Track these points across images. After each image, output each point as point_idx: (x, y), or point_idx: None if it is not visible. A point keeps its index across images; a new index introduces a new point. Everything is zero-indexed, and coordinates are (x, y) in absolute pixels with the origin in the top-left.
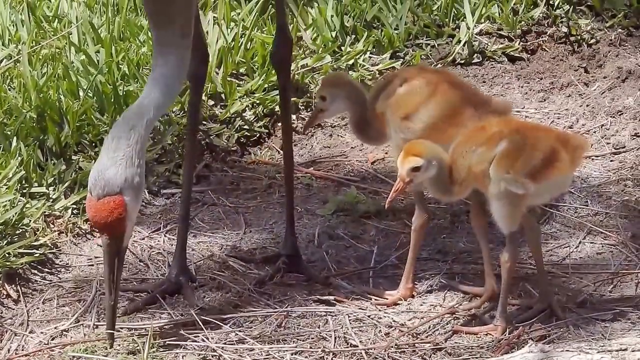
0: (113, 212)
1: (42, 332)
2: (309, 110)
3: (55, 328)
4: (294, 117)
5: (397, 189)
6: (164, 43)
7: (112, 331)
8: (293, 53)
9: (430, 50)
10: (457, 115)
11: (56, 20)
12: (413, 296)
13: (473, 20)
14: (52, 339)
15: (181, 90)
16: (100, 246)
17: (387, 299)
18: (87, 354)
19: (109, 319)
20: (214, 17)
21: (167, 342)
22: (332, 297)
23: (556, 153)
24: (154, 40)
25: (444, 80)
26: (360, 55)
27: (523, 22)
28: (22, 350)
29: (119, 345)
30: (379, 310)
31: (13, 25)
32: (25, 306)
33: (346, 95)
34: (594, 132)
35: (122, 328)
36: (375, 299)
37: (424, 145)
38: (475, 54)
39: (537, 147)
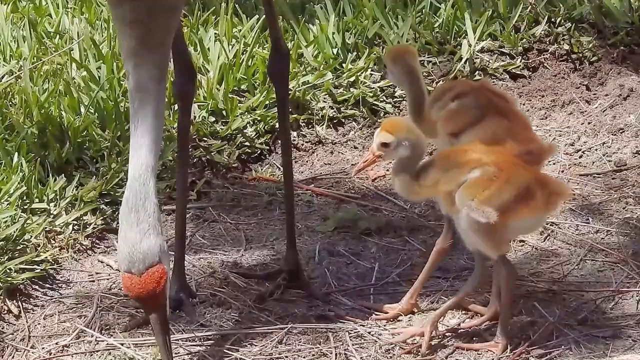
0: (160, 282)
1: (43, 348)
2: (309, 127)
3: (56, 344)
4: (294, 134)
5: (366, 160)
6: (139, 90)
7: None
8: (294, 70)
9: (431, 67)
10: (498, 143)
11: (57, 36)
12: (414, 312)
13: (475, 38)
14: (53, 355)
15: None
16: (101, 262)
17: (387, 312)
18: None
19: None
20: (215, 33)
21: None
22: (332, 314)
23: (531, 193)
24: (131, 88)
25: (495, 106)
26: (362, 72)
27: (525, 40)
28: None
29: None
30: (379, 327)
31: (14, 41)
32: (27, 322)
33: (407, 71)
34: (596, 149)
35: (121, 344)
36: (376, 313)
37: (402, 124)
38: (477, 71)
39: (511, 182)
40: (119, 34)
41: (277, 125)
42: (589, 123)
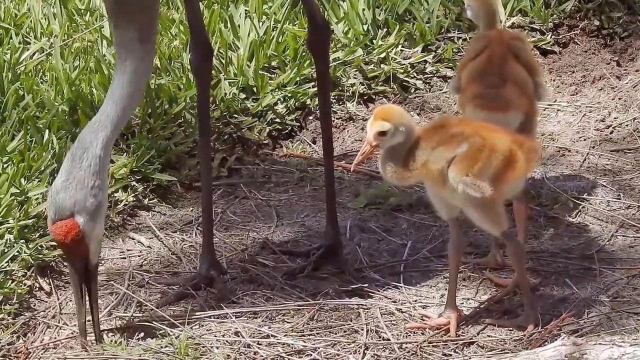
0: (67, 235)
1: (74, 324)
2: (340, 103)
3: (87, 320)
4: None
5: (363, 152)
6: (122, 46)
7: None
8: None
9: (462, 44)
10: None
11: (88, 13)
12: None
13: (505, 14)
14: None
15: (141, 97)
16: (132, 239)
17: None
18: (121, 343)
19: (81, 333)
20: (246, 10)
21: (200, 335)
22: (363, 290)
23: (514, 154)
24: (114, 43)
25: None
26: (392, 49)
27: (555, 16)
28: (55, 341)
29: (153, 337)
30: (411, 305)
31: (45, 19)
32: (58, 299)
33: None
34: (627, 125)
35: (155, 321)
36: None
37: (394, 110)
38: None
39: (496, 149)
40: None
41: (307, 102)
42: (619, 99)
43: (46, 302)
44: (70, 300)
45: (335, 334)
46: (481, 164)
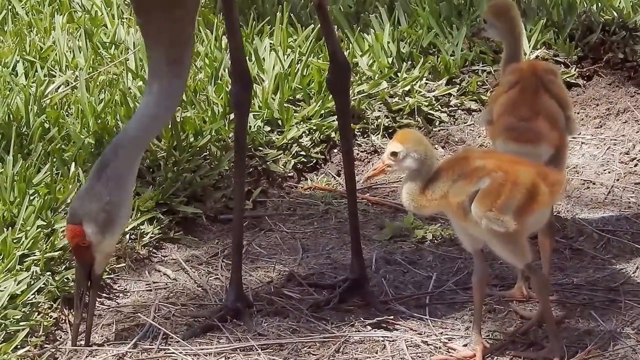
0: (72, 240)
1: (102, 356)
2: (365, 136)
3: (115, 351)
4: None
5: (375, 168)
6: (150, 67)
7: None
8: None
9: (486, 77)
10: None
11: (113, 46)
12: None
13: (529, 46)
14: None
15: (168, 120)
16: (158, 271)
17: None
18: None
19: (73, 337)
20: (271, 43)
21: None
22: (389, 323)
23: (537, 187)
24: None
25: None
26: (417, 82)
27: (579, 49)
28: None
29: None
30: (436, 337)
31: (70, 52)
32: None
33: (505, 28)
34: None
35: (180, 353)
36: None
37: (413, 135)
38: None
39: (519, 183)
40: None
41: (332, 135)
42: None
43: (71, 333)
44: (97, 332)
45: None
46: (504, 198)
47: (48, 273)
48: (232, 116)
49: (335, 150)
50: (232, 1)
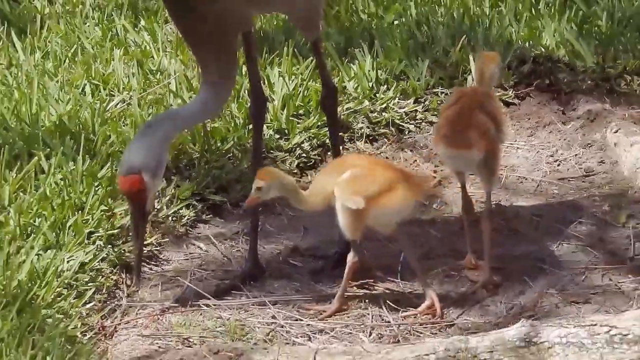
0: (134, 186)
1: (150, 308)
2: (351, 142)
3: (161, 305)
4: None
5: (249, 201)
6: (205, 78)
7: (137, 276)
8: (339, 99)
9: (444, 97)
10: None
11: (158, 73)
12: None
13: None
14: (158, 313)
15: (211, 117)
16: (194, 244)
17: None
18: (184, 324)
19: (136, 266)
20: (279, 71)
21: (245, 318)
22: (370, 283)
23: (393, 185)
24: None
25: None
26: (391, 100)
27: (515, 76)
28: (134, 319)
29: (210, 319)
30: (405, 294)
31: (126, 77)
32: (137, 291)
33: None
34: (570, 159)
35: (211, 306)
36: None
37: (270, 173)
38: None
39: (375, 178)
40: None
41: (326, 141)
42: (564, 139)
43: (127, 292)
44: (146, 291)
45: (348, 317)
46: (358, 186)
47: (109, 246)
48: (250, 126)
49: (329, 153)
50: (252, 40)
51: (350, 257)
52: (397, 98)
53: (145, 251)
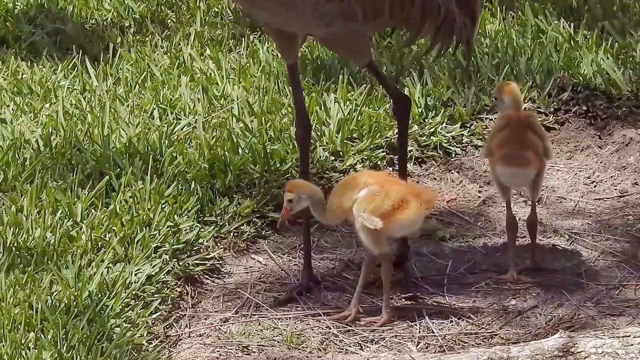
0: None
1: (212, 318)
2: None
3: (222, 316)
4: (390, 169)
5: (283, 213)
6: None
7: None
8: (390, 123)
9: (489, 123)
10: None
11: (222, 98)
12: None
13: None
14: (219, 323)
15: None
16: (254, 259)
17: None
18: (244, 333)
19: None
20: (335, 97)
21: (302, 329)
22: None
23: (406, 202)
24: None
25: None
26: (439, 125)
27: (554, 102)
28: (197, 330)
29: (268, 329)
30: (452, 307)
31: (192, 102)
32: (200, 302)
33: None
34: (606, 181)
35: (269, 316)
36: None
37: (298, 184)
38: None
39: (389, 196)
40: None
41: (378, 163)
42: (601, 162)
43: (191, 303)
44: (209, 303)
45: (398, 327)
46: (374, 205)
47: (174, 260)
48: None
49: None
50: (295, 72)
51: (384, 269)
52: (444, 123)
53: (208, 265)
